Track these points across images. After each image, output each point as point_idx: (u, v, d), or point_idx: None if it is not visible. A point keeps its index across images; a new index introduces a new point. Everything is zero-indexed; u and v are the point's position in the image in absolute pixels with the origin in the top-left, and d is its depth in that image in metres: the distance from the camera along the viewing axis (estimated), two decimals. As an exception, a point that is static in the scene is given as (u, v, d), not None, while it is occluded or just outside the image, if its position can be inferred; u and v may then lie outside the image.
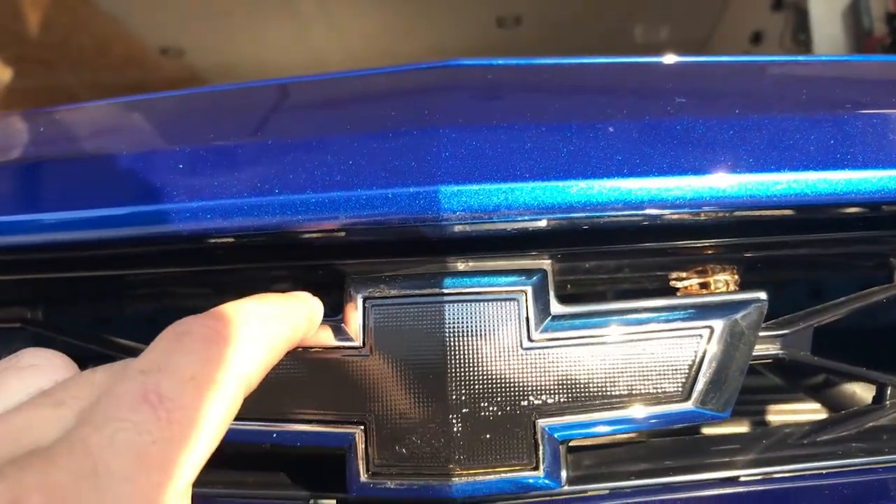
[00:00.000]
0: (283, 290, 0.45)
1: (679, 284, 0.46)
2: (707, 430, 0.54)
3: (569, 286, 0.43)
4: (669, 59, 0.53)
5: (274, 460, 0.46)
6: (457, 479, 0.38)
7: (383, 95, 0.49)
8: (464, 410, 0.38)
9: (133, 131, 0.50)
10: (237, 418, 0.40)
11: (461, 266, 0.40)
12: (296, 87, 0.53)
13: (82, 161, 0.44)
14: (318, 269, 0.43)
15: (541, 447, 0.38)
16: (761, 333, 0.43)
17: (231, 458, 0.48)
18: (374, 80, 0.53)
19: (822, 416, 0.51)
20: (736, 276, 0.46)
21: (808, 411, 0.59)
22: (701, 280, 0.45)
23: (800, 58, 0.52)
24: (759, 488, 0.42)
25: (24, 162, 0.46)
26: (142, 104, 0.54)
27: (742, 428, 0.59)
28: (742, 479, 0.42)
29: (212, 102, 0.51)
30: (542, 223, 0.39)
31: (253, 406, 0.39)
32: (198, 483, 0.44)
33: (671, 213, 0.38)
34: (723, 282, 0.45)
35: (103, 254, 0.44)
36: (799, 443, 0.45)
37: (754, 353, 0.42)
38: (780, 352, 0.44)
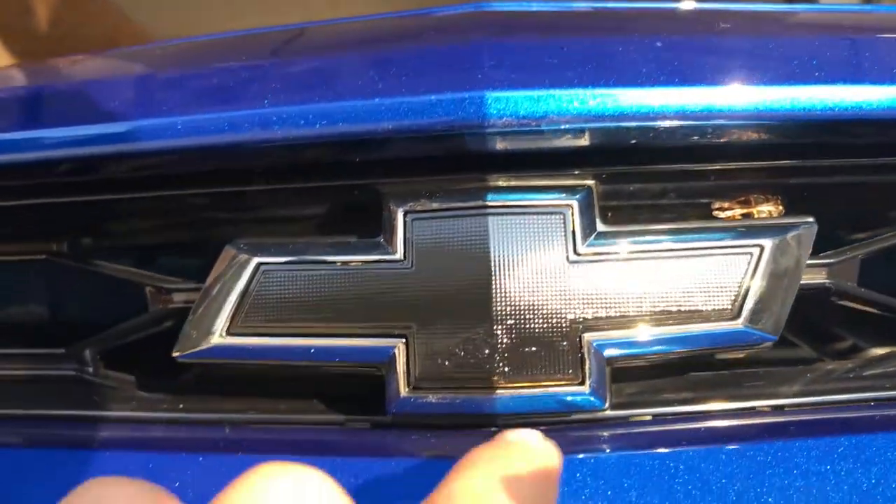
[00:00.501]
0: (318, 213, 0.45)
1: (722, 215, 0.45)
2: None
3: (609, 214, 0.42)
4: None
5: (307, 389, 0.45)
6: (501, 392, 0.37)
7: (427, 26, 0.47)
8: (508, 322, 0.37)
9: (180, 56, 0.49)
10: (275, 335, 0.39)
11: (503, 183, 0.39)
12: (337, 26, 0.52)
13: (128, 79, 0.43)
14: (355, 189, 0.42)
15: (587, 362, 0.37)
16: (808, 261, 0.42)
17: (264, 387, 0.47)
18: (416, 18, 0.52)
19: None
20: (780, 208, 0.45)
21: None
22: (744, 210, 0.44)
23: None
24: (805, 417, 0.41)
25: (74, 80, 0.45)
26: (191, 44, 0.53)
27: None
28: (787, 407, 0.41)
29: (257, 39, 0.50)
30: (588, 139, 0.38)
31: (291, 322, 0.38)
32: (231, 411, 0.44)
33: (719, 124, 0.37)
34: (766, 212, 0.44)
35: (132, 174, 0.43)
36: (844, 377, 0.44)
37: (801, 283, 0.41)
38: (827, 281, 0.43)
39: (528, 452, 0.28)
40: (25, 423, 0.47)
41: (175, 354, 0.41)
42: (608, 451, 0.37)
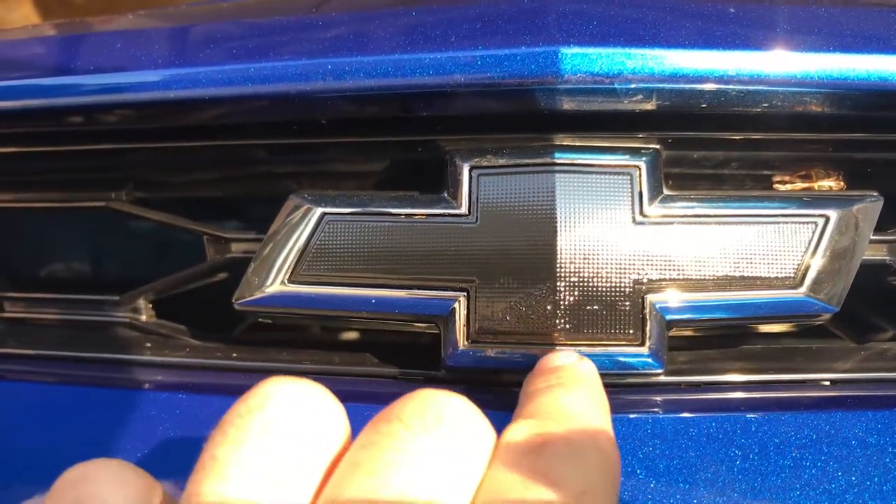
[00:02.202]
0: (378, 169, 0.45)
1: (782, 188, 0.44)
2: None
3: (671, 182, 0.42)
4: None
5: (360, 346, 0.45)
6: (560, 349, 0.37)
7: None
8: (571, 280, 0.37)
9: (240, 10, 0.49)
10: (336, 284, 0.40)
11: (570, 143, 0.39)
12: None
13: (191, 28, 0.43)
14: (418, 145, 0.42)
15: (648, 323, 0.37)
16: (871, 237, 0.42)
17: (316, 343, 0.48)
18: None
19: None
20: (842, 184, 0.44)
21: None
22: (805, 185, 0.44)
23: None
24: (862, 393, 0.40)
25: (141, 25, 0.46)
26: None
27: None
28: (842, 381, 0.41)
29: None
30: (658, 101, 0.38)
31: (353, 273, 0.39)
32: (286, 361, 0.44)
33: (789, 91, 0.37)
34: (827, 187, 0.44)
35: (195, 122, 0.43)
36: (898, 356, 0.44)
37: (863, 258, 0.41)
38: (889, 258, 0.43)
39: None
40: (78, 366, 0.48)
41: (235, 301, 0.41)
42: (662, 413, 0.37)
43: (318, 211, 0.40)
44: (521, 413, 0.30)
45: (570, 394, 0.30)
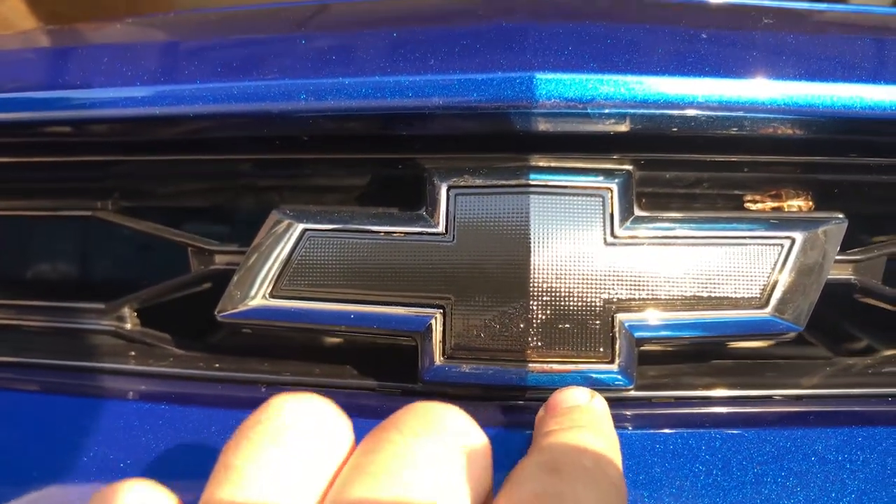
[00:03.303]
0: (359, 184, 0.46)
1: (753, 207, 0.46)
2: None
3: (643, 201, 0.43)
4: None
5: (340, 356, 0.46)
6: (532, 365, 0.38)
7: (478, 6, 0.48)
8: (544, 299, 0.38)
9: (226, 24, 0.50)
10: (316, 299, 0.41)
11: (545, 164, 0.40)
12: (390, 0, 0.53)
13: (179, 42, 0.44)
14: (398, 163, 0.43)
15: (618, 341, 0.38)
16: (836, 257, 0.43)
17: (296, 353, 0.49)
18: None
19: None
20: (810, 203, 0.46)
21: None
22: (775, 204, 0.45)
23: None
24: (824, 408, 0.42)
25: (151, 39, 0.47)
26: (240, 13, 0.54)
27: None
28: (807, 398, 0.42)
29: (306, 11, 0.51)
30: (630, 124, 0.39)
31: (333, 288, 0.40)
32: (266, 372, 0.45)
33: (758, 117, 0.38)
34: (796, 207, 0.45)
35: (181, 136, 0.44)
36: (863, 372, 0.45)
37: (828, 277, 0.42)
38: (853, 277, 0.44)
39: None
40: (62, 374, 0.48)
41: (217, 314, 0.42)
42: (631, 429, 0.38)
43: (300, 227, 0.41)
44: (537, 449, 0.31)
45: (587, 434, 0.31)
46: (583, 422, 0.32)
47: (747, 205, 0.46)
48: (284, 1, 0.53)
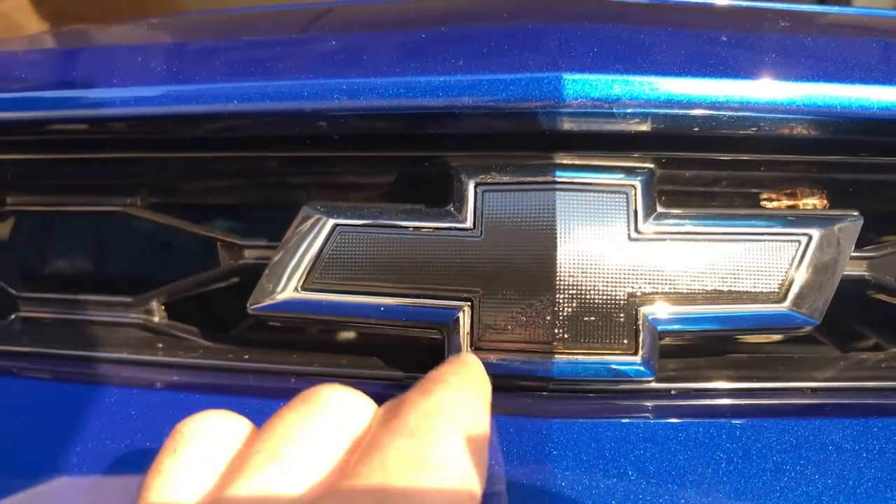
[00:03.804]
0: (386, 182, 0.47)
1: (769, 205, 0.47)
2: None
3: (663, 198, 0.45)
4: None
5: (363, 350, 0.47)
6: (558, 356, 0.39)
7: (506, 7, 0.49)
8: (569, 293, 0.39)
9: (253, 24, 0.51)
10: (346, 292, 0.42)
11: (570, 161, 0.42)
12: (419, 2, 0.54)
13: (210, 42, 0.45)
14: (425, 160, 0.44)
15: (641, 334, 0.39)
16: (851, 253, 0.44)
17: (321, 348, 0.50)
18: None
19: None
20: (825, 202, 0.47)
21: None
22: (790, 202, 0.47)
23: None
24: (840, 401, 0.43)
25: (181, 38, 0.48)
26: (270, 12, 0.55)
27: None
28: (821, 390, 0.44)
29: (340, 11, 0.52)
30: (653, 124, 0.40)
31: (362, 282, 0.41)
32: (295, 363, 0.46)
33: (777, 117, 0.39)
34: (811, 205, 0.46)
35: (213, 134, 0.45)
36: (876, 366, 0.46)
37: (843, 273, 0.43)
38: (867, 273, 0.45)
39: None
40: (90, 365, 0.50)
41: (249, 306, 0.43)
42: (652, 419, 0.40)
43: (331, 222, 0.42)
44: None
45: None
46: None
47: (763, 203, 0.47)
48: (308, 2, 0.54)
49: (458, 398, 0.30)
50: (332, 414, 0.30)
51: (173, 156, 0.49)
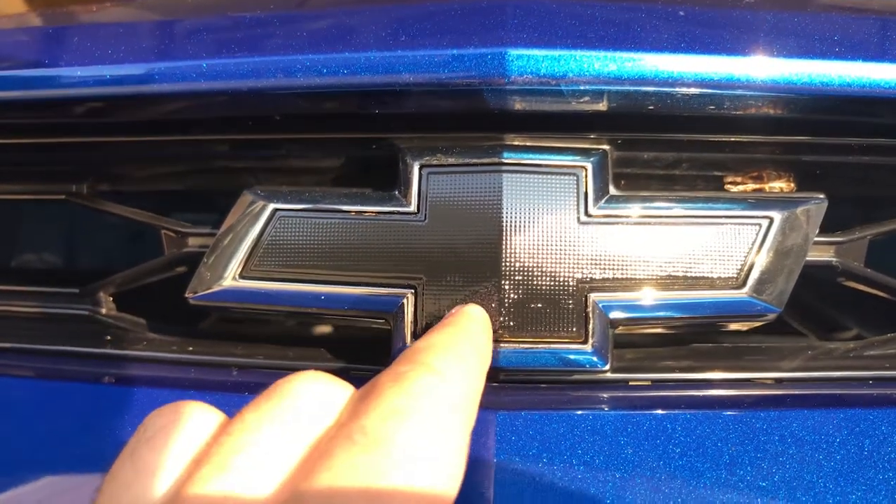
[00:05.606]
0: (335, 165, 0.45)
1: (733, 189, 0.45)
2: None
3: (622, 182, 0.43)
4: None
5: (325, 341, 0.46)
6: (504, 345, 0.37)
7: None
8: (516, 278, 0.37)
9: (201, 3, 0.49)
10: (287, 280, 0.40)
11: (519, 143, 0.40)
12: None
13: (151, 22, 0.43)
14: (373, 143, 0.43)
15: (591, 321, 0.38)
16: (817, 238, 0.43)
17: (271, 338, 0.48)
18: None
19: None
20: (792, 185, 0.45)
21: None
22: (756, 186, 0.45)
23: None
24: (803, 391, 0.41)
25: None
26: None
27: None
28: (786, 381, 0.42)
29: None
30: (605, 102, 0.38)
31: (303, 269, 0.39)
32: (240, 356, 0.45)
33: (737, 94, 0.38)
34: (778, 189, 0.45)
35: (153, 117, 0.44)
36: (845, 356, 0.45)
37: (808, 259, 0.42)
38: (834, 259, 0.43)
39: None
40: (37, 358, 0.48)
41: (188, 295, 0.42)
42: (607, 410, 0.38)
43: (271, 206, 0.40)
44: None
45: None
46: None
47: (728, 186, 0.45)
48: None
49: (435, 385, 0.28)
50: (303, 406, 0.28)
51: (118, 140, 0.47)
